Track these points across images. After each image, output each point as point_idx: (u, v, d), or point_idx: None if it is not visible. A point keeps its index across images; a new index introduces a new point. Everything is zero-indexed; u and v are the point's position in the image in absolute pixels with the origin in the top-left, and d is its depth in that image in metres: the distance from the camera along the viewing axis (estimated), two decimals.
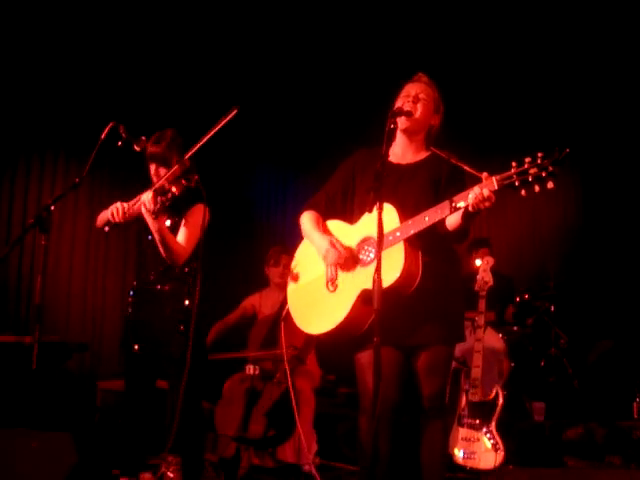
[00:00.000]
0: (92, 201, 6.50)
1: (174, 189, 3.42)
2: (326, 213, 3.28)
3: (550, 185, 2.52)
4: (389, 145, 2.85)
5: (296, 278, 3.28)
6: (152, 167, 3.67)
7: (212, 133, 3.39)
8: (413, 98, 3.08)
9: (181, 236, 3.54)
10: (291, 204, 7.91)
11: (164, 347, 3.59)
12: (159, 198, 3.30)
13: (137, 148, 3.45)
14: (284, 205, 8.05)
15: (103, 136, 3.35)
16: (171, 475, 4.19)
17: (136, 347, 3.68)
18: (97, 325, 6.52)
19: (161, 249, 3.49)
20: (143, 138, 3.45)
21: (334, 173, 3.34)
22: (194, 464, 3.74)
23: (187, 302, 3.56)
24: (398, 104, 3.08)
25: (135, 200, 3.51)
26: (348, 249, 3.08)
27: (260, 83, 6.89)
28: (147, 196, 3.32)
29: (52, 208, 3.24)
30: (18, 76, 5.93)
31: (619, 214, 6.99)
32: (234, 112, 3.36)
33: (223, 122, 3.37)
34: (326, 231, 3.22)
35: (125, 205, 3.48)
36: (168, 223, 3.54)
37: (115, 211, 3.47)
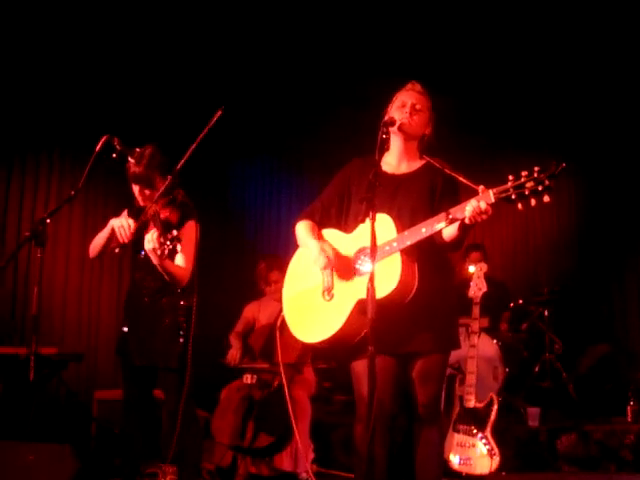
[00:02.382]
0: (87, 212, 6.52)
1: (172, 217, 3.49)
2: (321, 223, 3.28)
3: (546, 199, 2.55)
4: (382, 155, 2.88)
5: (292, 287, 3.29)
6: (136, 188, 3.70)
7: (199, 139, 3.42)
8: (410, 109, 3.10)
9: (180, 259, 3.55)
10: (285, 207, 7.96)
11: (162, 358, 3.63)
12: (163, 239, 3.27)
13: (132, 160, 3.47)
14: (278, 208, 8.07)
15: (98, 148, 3.36)
16: None
17: (136, 361, 3.71)
18: (92, 335, 6.51)
19: (165, 277, 3.51)
20: (137, 150, 3.47)
21: (329, 183, 3.35)
22: (191, 473, 3.76)
23: (184, 316, 3.59)
24: (393, 115, 3.10)
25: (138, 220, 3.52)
26: (344, 258, 3.10)
27: (245, 78, 6.90)
28: (153, 236, 3.29)
29: (47, 221, 3.25)
30: (13, 78, 5.93)
31: (612, 220, 7.03)
32: (219, 114, 3.39)
33: (209, 126, 3.39)
34: (321, 239, 3.23)
35: (131, 223, 3.47)
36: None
37: (122, 231, 3.46)
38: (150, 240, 3.30)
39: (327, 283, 3.10)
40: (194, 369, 3.55)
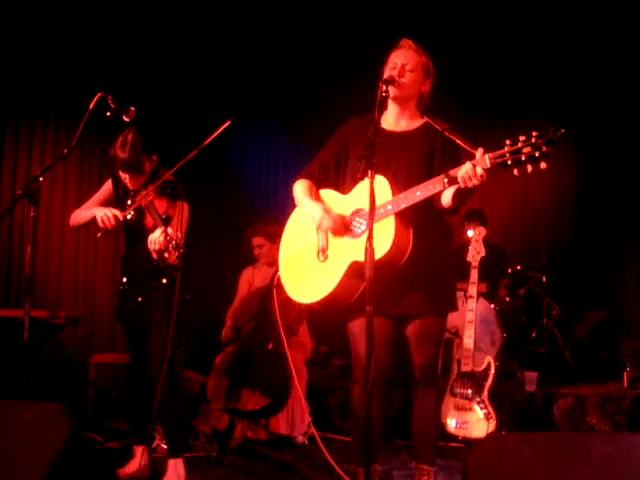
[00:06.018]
0: (82, 171, 6.46)
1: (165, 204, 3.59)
2: (319, 182, 3.26)
3: (543, 165, 2.50)
4: (381, 113, 2.83)
5: (288, 247, 3.27)
6: (124, 175, 3.74)
7: (207, 142, 3.50)
8: (399, 70, 3.03)
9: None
10: (282, 171, 7.90)
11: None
12: (169, 237, 3.36)
13: (126, 119, 3.43)
14: (276, 172, 8.02)
15: (91, 106, 3.32)
16: (165, 446, 4.24)
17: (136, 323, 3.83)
18: (89, 298, 6.50)
19: (155, 257, 3.54)
20: (132, 108, 3.42)
21: (327, 142, 3.32)
22: (178, 433, 3.78)
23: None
24: (386, 74, 3.03)
25: (127, 209, 3.64)
26: (342, 217, 3.07)
27: (243, 41, 6.81)
28: (158, 239, 3.38)
29: (41, 179, 3.21)
30: (8, 41, 5.84)
31: (612, 185, 6.99)
32: (228, 123, 3.46)
33: (218, 132, 3.48)
34: (318, 200, 3.20)
35: (118, 214, 3.59)
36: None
37: (106, 219, 3.57)
38: (154, 241, 3.40)
39: (322, 244, 3.08)
40: (183, 328, 3.59)
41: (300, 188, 3.25)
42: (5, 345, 4.63)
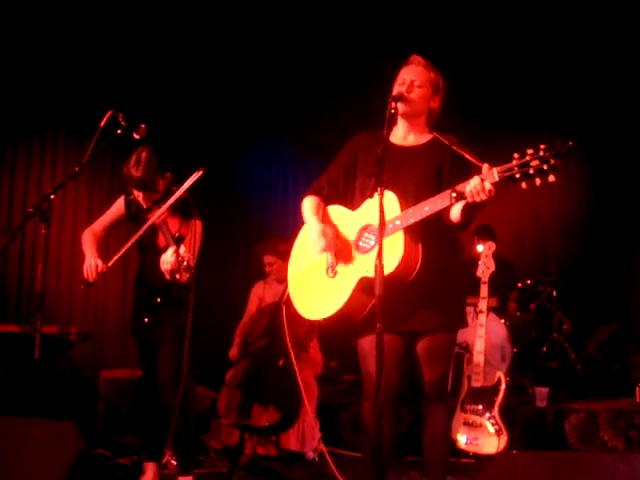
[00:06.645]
0: (93, 188, 6.52)
1: (177, 223, 3.64)
2: (329, 197, 3.26)
3: (552, 178, 2.47)
4: (390, 130, 2.84)
5: (297, 263, 3.27)
6: (137, 193, 3.78)
7: (177, 196, 3.55)
8: (408, 86, 3.04)
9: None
10: (291, 188, 7.92)
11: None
12: (181, 257, 3.38)
13: (137, 136, 3.45)
14: (284, 189, 8.03)
15: (102, 124, 3.34)
16: (174, 463, 4.23)
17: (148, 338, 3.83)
18: (99, 314, 6.52)
19: (167, 277, 3.54)
20: (142, 126, 3.45)
21: (336, 156, 3.32)
22: (189, 451, 3.78)
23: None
24: (395, 91, 3.04)
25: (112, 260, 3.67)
26: (347, 236, 3.08)
27: (251, 58, 6.85)
28: (170, 258, 3.41)
29: (52, 197, 3.24)
30: (19, 56, 5.90)
31: (621, 199, 6.96)
32: (200, 173, 3.46)
33: (190, 183, 3.50)
34: (325, 217, 3.21)
35: (100, 264, 3.65)
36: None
37: (89, 270, 3.65)
38: (166, 262, 3.41)
39: (331, 260, 3.08)
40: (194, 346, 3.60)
41: (307, 205, 3.25)
42: (16, 361, 4.65)
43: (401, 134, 3.16)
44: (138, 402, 4.09)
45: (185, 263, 3.34)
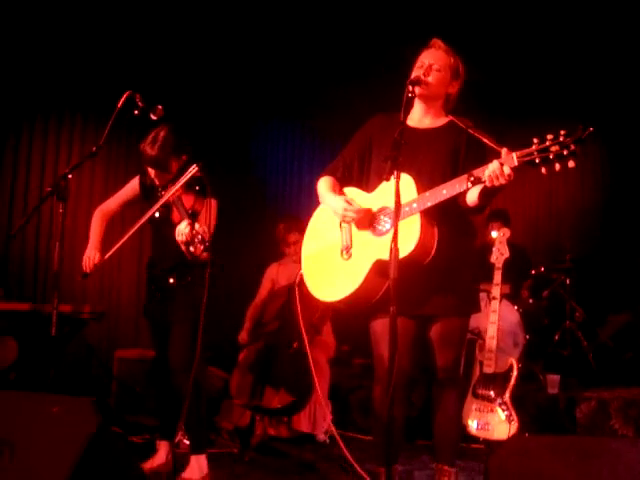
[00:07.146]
0: (109, 168, 6.55)
1: (192, 200, 3.63)
2: (343, 179, 3.26)
3: (571, 164, 2.45)
4: (407, 114, 2.83)
5: (311, 245, 3.27)
6: (151, 171, 3.79)
7: (177, 186, 3.56)
8: (426, 69, 3.03)
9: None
10: (306, 170, 7.92)
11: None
12: (195, 230, 3.38)
13: (154, 117, 3.46)
14: (300, 170, 8.04)
15: (120, 105, 3.35)
16: (187, 442, 4.27)
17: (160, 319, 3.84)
18: (114, 294, 6.56)
19: (187, 257, 3.55)
20: (159, 107, 3.45)
21: (351, 139, 3.32)
22: (201, 430, 3.81)
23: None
24: (413, 74, 3.04)
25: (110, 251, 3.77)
26: (366, 209, 3.06)
27: (266, 40, 6.82)
28: (185, 230, 3.40)
29: (69, 176, 3.26)
30: (35, 36, 5.90)
31: (638, 186, 6.91)
32: (196, 168, 3.46)
33: (186, 177, 3.51)
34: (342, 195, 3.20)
35: (97, 258, 3.77)
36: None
37: (87, 261, 3.75)
38: (181, 233, 3.41)
39: (345, 242, 3.09)
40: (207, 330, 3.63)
41: (323, 184, 3.25)
42: (33, 339, 4.70)
43: (417, 117, 3.15)
44: (152, 382, 4.12)
45: (199, 236, 3.34)
